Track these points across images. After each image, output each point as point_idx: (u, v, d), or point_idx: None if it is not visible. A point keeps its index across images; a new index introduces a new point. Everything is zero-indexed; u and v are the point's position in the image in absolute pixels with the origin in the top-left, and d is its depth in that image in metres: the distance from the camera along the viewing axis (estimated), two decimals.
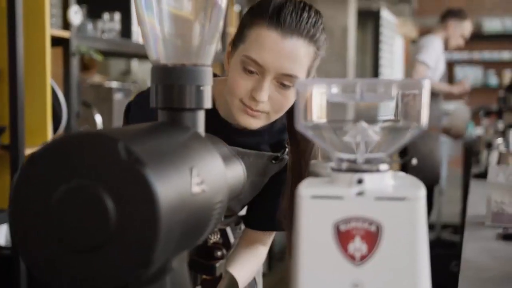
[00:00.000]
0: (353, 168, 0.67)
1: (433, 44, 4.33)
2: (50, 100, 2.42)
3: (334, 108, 0.72)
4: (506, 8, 9.63)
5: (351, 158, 0.68)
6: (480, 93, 9.80)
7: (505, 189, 1.97)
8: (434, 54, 4.28)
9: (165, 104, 0.78)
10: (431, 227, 5.39)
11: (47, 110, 2.41)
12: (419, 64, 4.27)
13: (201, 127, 0.79)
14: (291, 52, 1.19)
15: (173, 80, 0.77)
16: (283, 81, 1.21)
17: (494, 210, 1.90)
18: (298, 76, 1.21)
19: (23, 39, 2.30)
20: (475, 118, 9.47)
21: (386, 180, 0.67)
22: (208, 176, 0.70)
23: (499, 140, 3.06)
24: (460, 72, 9.82)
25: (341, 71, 5.33)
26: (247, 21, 1.23)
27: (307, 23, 1.20)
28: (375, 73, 7.08)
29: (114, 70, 4.34)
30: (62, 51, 2.57)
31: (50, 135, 2.44)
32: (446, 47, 4.45)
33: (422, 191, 0.65)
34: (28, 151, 2.32)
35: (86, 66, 3.41)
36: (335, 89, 0.68)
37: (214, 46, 0.81)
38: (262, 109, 1.22)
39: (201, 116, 0.80)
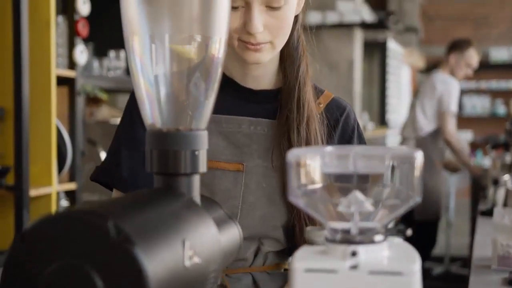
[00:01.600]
0: (347, 239, 0.66)
1: (454, 87, 4.28)
2: (55, 140, 2.43)
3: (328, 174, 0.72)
4: None
5: (345, 228, 0.68)
6: (487, 123, 9.80)
7: (510, 231, 1.95)
8: (457, 98, 4.26)
9: (160, 169, 0.78)
10: (439, 260, 5.35)
11: (52, 151, 2.42)
12: (447, 114, 4.19)
13: (196, 191, 0.79)
14: None
15: (167, 146, 0.77)
16: (271, 4, 1.13)
17: (500, 253, 1.88)
18: None
19: (28, 79, 2.32)
20: (483, 148, 9.46)
21: (381, 251, 0.66)
22: (202, 246, 0.69)
23: (506, 177, 3.04)
24: (468, 101, 9.82)
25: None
26: None
27: None
28: (382, 103, 7.09)
29: (122, 102, 4.36)
30: (68, 90, 2.59)
31: (55, 176, 2.44)
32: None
33: (417, 265, 0.64)
34: (32, 192, 2.32)
35: (94, 99, 3.43)
36: (328, 159, 0.67)
37: (210, 108, 0.81)
38: (262, 39, 1.14)
39: (196, 180, 0.79)
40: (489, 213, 2.89)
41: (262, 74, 1.24)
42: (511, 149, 4.27)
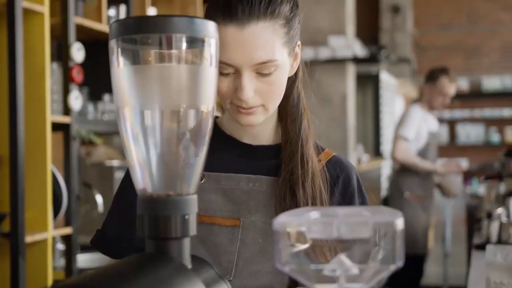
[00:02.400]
0: None
1: (411, 115, 4.36)
2: (50, 186, 2.45)
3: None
4: (505, 67, 9.76)
5: None
6: (482, 151, 9.85)
7: (503, 269, 1.96)
8: (413, 125, 4.30)
9: (151, 234, 0.81)
10: None
11: (47, 196, 2.44)
12: (398, 138, 4.29)
13: (186, 254, 0.81)
14: (254, 39, 1.11)
15: (158, 211, 0.80)
16: (261, 70, 1.13)
17: None
18: (274, 59, 1.12)
19: (24, 125, 2.35)
20: (478, 176, 9.49)
21: None
22: None
23: (499, 210, 3.06)
24: (462, 129, 9.89)
25: (341, 136, 5.38)
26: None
27: (260, 3, 1.12)
28: (376, 135, 7.13)
29: (118, 142, 4.39)
30: (63, 136, 2.62)
31: (50, 221, 2.46)
32: (432, 109, 4.50)
33: None
34: (28, 238, 2.33)
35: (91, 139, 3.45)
36: (313, 226, 0.70)
37: (199, 173, 0.84)
38: (254, 103, 1.15)
39: (186, 243, 0.82)
40: (483, 247, 2.91)
41: (261, 130, 1.26)
42: (505, 180, 4.30)
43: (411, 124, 4.28)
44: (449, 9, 9.83)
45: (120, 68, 0.79)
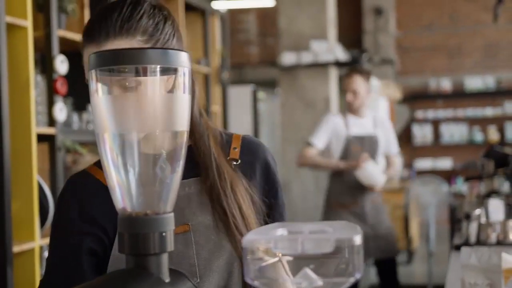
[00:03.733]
0: None
1: (322, 122, 4.21)
2: (37, 197, 2.49)
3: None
4: (486, 66, 9.89)
5: None
6: (466, 150, 9.97)
7: (478, 270, 2.03)
8: (322, 132, 4.15)
9: (131, 251, 0.86)
10: None
11: (34, 207, 2.48)
12: (307, 144, 4.16)
13: (164, 268, 0.87)
14: None
15: (137, 229, 0.86)
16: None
17: None
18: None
19: (9, 137, 2.39)
20: (463, 174, 9.61)
21: None
22: None
23: (477, 211, 3.12)
24: (446, 129, 10.01)
25: None
26: (81, 49, 1.24)
27: (116, 21, 1.18)
28: None
29: None
30: (48, 147, 2.66)
31: (37, 231, 2.50)
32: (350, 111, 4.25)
33: None
34: (15, 248, 2.38)
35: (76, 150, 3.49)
36: (279, 243, 0.76)
37: (175, 191, 0.90)
38: None
39: (164, 258, 0.87)
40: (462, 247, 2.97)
41: None
42: (485, 180, 4.38)
43: (319, 131, 4.14)
44: (431, 10, 9.95)
45: (99, 97, 0.85)
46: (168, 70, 0.85)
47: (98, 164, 1.30)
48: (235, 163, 1.31)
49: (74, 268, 1.25)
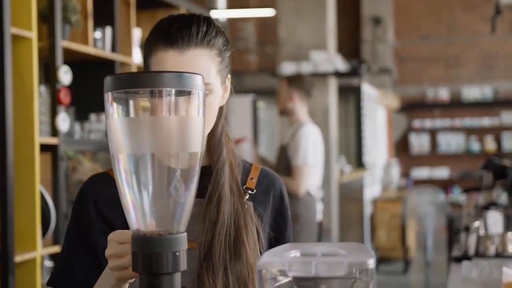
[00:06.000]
0: None
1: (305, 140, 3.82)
2: (39, 206, 2.50)
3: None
4: (484, 77, 9.92)
5: None
6: (463, 160, 9.99)
7: (478, 284, 2.04)
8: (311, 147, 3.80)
9: (145, 269, 0.88)
10: None
11: (36, 216, 2.49)
12: (302, 167, 3.70)
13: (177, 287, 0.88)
14: (192, 63, 1.19)
15: (151, 249, 0.87)
16: None
17: None
18: (210, 82, 1.20)
19: (13, 147, 2.40)
20: (460, 184, 9.63)
21: None
22: None
23: (476, 224, 3.14)
24: (442, 139, 10.03)
25: (323, 150, 5.44)
26: (147, 51, 1.24)
27: (198, 32, 1.21)
28: (359, 146, 7.23)
29: (103, 157, 4.43)
30: (51, 157, 2.67)
31: (39, 241, 2.51)
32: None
33: None
34: (17, 258, 2.38)
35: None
36: (293, 265, 0.77)
37: (188, 212, 0.91)
38: None
39: (177, 278, 0.89)
40: (461, 259, 2.98)
41: None
42: (484, 192, 4.40)
43: (308, 148, 3.83)
44: (429, 20, 9.98)
45: (114, 119, 0.86)
46: (183, 93, 0.87)
47: None
48: (250, 192, 1.30)
49: (91, 257, 1.24)
